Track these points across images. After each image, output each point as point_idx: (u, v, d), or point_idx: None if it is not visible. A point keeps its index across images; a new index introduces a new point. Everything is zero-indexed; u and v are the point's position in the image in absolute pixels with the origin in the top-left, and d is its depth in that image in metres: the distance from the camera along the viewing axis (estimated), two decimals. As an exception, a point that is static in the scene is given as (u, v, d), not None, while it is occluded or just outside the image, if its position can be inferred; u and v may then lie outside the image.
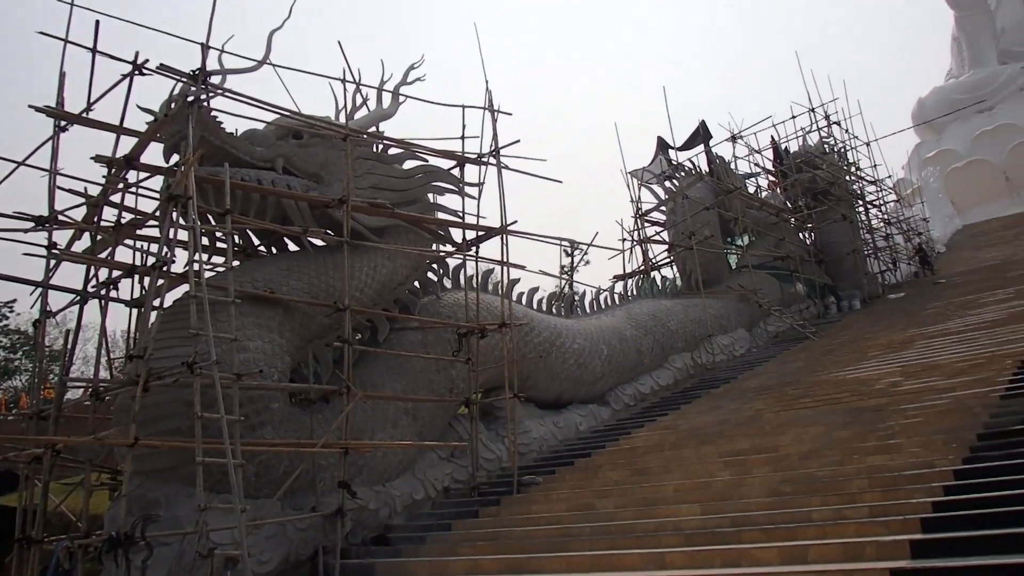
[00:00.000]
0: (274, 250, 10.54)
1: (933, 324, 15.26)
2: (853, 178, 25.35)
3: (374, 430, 9.38)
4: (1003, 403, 8.77)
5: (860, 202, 25.26)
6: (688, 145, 20.61)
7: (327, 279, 9.64)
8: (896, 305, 19.96)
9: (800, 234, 23.17)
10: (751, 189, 22.03)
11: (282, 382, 8.68)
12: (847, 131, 25.60)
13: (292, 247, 10.43)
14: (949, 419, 8.66)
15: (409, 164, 11.53)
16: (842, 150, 25.36)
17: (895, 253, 25.99)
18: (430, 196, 11.45)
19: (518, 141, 13.51)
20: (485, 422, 11.11)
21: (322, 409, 9.07)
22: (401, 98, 12.09)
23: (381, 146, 11.38)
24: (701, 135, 20.60)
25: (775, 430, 9.88)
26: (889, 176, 28.82)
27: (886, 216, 26.75)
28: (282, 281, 9.21)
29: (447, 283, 11.81)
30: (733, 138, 22.10)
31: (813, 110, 24.60)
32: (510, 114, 14.24)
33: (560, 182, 14.75)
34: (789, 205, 22.97)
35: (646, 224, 18.50)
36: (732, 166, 21.62)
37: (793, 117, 24.51)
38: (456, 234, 11.92)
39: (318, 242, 10.12)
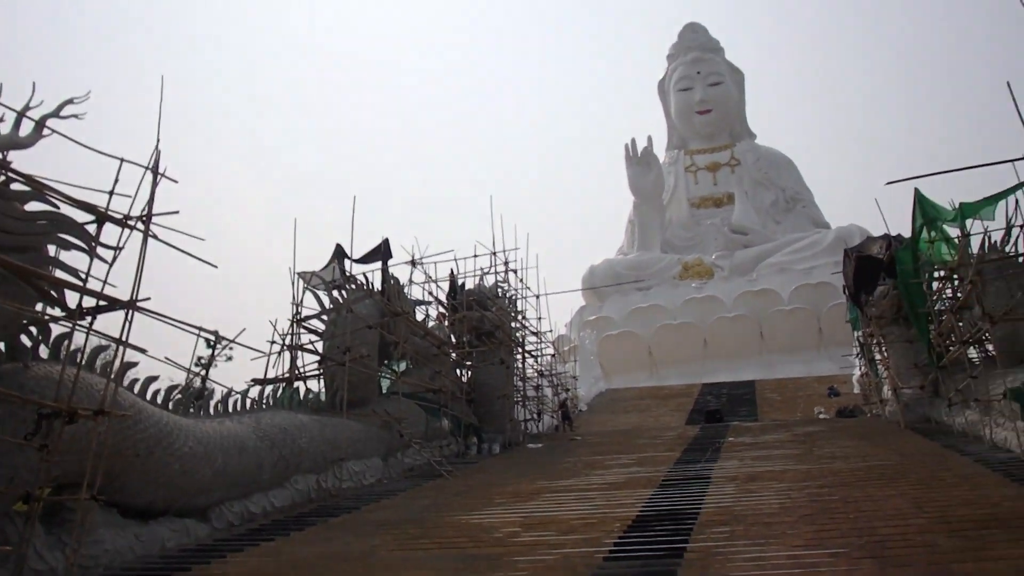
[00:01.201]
0: None
1: (561, 479, 16.42)
2: (518, 326, 27.32)
3: None
4: (605, 564, 9.43)
5: (520, 350, 27.19)
6: (367, 259, 20.89)
7: None
8: (532, 455, 21.34)
9: (457, 370, 24.21)
10: (419, 316, 22.73)
11: None
12: (522, 280, 27.77)
13: None
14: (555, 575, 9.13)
15: (34, 207, 10.22)
16: (513, 297, 27.35)
17: (542, 404, 28.14)
18: (50, 248, 10.17)
19: (177, 212, 12.70)
20: (47, 524, 9.60)
21: None
22: (46, 131, 10.88)
23: (2, 178, 9.97)
24: (382, 252, 21.02)
25: (384, 570, 9.71)
26: (550, 331, 31.56)
27: (541, 368, 29.03)
28: None
29: (44, 352, 10.35)
30: (413, 263, 22.85)
31: (495, 254, 26.42)
32: (176, 181, 13.37)
33: (215, 266, 13.96)
34: (453, 339, 24.02)
35: (302, 330, 18.14)
36: (406, 290, 22.23)
37: (475, 256, 26.12)
38: (72, 298, 10.64)
39: None
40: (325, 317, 18.49)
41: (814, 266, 46.13)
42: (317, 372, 18.06)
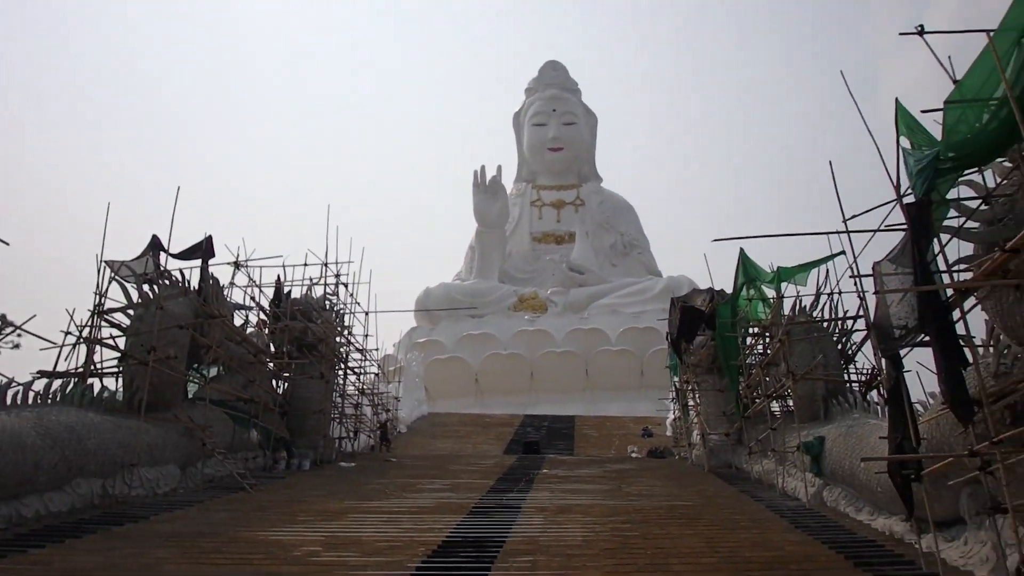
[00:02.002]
0: None
1: (371, 500, 16.23)
2: (344, 341, 26.79)
3: None
4: (405, 589, 9.43)
5: (343, 366, 26.68)
6: (187, 255, 19.83)
7: None
8: (344, 474, 20.95)
9: (273, 381, 23.43)
10: (238, 321, 21.87)
11: None
12: (352, 295, 27.22)
13: None
14: (350, 598, 8.98)
15: None
16: (342, 311, 26.79)
17: (360, 423, 27.69)
18: None
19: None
20: None
21: None
22: None
23: None
24: (203, 250, 20.05)
25: (167, 584, 9.24)
26: (377, 349, 31.16)
27: (362, 386, 28.59)
28: None
29: None
30: (237, 264, 21.97)
31: (327, 265, 25.77)
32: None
33: (7, 243, 13.04)
34: (272, 349, 23.23)
35: (104, 323, 16.98)
36: (226, 293, 21.34)
37: (305, 264, 25.32)
38: None
39: None
40: (132, 311, 17.42)
41: (643, 311, 48.14)
42: (116, 369, 16.96)
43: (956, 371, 8.93)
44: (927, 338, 9.55)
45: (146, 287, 17.78)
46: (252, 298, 23.04)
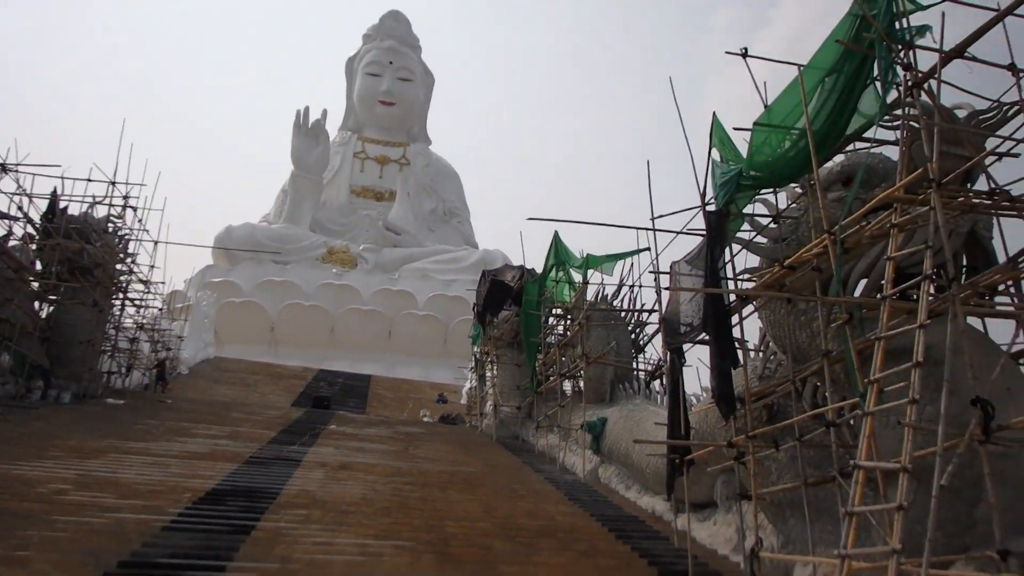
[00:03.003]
0: None
1: (136, 440, 15.59)
2: (125, 269, 25.17)
3: None
4: (161, 534, 9.14)
5: (121, 295, 25.13)
6: None
7: None
8: (110, 411, 19.92)
9: (37, 302, 21.69)
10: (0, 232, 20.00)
11: None
12: (140, 220, 25.47)
13: None
14: (99, 540, 8.64)
15: None
16: (126, 237, 25.10)
17: (134, 359, 26.26)
18: None
19: None
20: None
21: None
22: None
23: None
24: None
25: None
26: (164, 283, 29.43)
27: (142, 320, 27.09)
28: None
29: None
30: (3, 168, 19.93)
31: (114, 184, 23.92)
32: None
33: None
34: (38, 267, 21.44)
35: None
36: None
37: (89, 180, 23.25)
38: None
39: None
40: None
41: (454, 280, 48.59)
42: None
43: (726, 370, 9.79)
44: (707, 337, 10.37)
45: None
46: (20, 207, 20.97)
